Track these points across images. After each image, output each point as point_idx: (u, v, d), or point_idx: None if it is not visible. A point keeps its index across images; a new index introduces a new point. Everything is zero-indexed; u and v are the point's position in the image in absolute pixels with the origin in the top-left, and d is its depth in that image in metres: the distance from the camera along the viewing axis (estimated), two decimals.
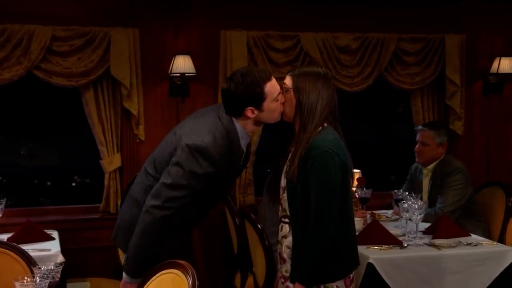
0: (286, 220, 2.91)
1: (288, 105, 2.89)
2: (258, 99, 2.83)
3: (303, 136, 2.81)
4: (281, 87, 2.89)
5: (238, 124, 2.92)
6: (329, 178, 2.72)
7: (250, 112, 2.86)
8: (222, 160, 2.85)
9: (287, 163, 2.90)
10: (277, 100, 2.87)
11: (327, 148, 2.73)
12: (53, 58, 4.71)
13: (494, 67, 5.60)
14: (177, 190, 2.81)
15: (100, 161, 4.95)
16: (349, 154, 2.87)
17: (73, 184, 6.62)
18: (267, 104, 2.86)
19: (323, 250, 2.73)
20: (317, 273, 2.76)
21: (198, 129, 2.91)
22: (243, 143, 2.96)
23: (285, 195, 2.89)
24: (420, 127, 4.68)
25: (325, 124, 2.85)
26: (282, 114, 2.93)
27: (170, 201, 2.81)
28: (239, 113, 2.88)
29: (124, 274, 2.97)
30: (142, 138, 5.00)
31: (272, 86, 2.86)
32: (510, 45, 5.75)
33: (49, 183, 6.54)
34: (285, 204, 2.90)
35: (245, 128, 2.94)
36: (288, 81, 2.89)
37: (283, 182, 2.93)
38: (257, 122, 2.94)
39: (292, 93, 2.86)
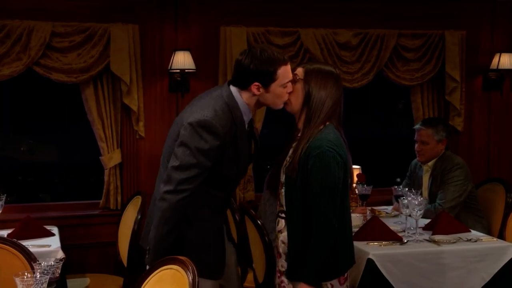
0: (283, 215, 2.91)
1: (294, 96, 2.88)
2: (268, 77, 2.81)
3: (306, 131, 2.80)
4: (293, 77, 2.88)
5: (241, 99, 2.89)
6: (332, 178, 2.72)
7: (255, 88, 2.84)
8: (226, 132, 2.81)
9: (287, 158, 2.89)
10: (285, 87, 2.85)
11: (328, 148, 2.72)
12: (52, 54, 4.71)
13: (494, 63, 5.60)
14: (187, 171, 2.78)
15: (100, 157, 4.95)
16: (350, 154, 2.87)
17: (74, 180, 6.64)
18: (275, 87, 2.84)
19: (331, 249, 2.73)
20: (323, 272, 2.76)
21: (198, 107, 2.89)
22: (245, 119, 2.93)
23: (283, 190, 2.89)
24: (417, 126, 4.65)
25: (327, 123, 2.84)
26: (286, 104, 2.91)
27: (182, 183, 2.77)
28: (245, 86, 2.86)
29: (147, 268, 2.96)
30: (142, 134, 5.00)
31: (285, 71, 2.84)
32: (510, 41, 5.75)
33: (55, 180, 6.55)
34: (283, 200, 2.89)
35: (248, 104, 2.90)
36: (300, 72, 2.88)
37: (282, 177, 2.92)
38: (259, 102, 2.92)
39: (301, 84, 2.85)
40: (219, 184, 2.95)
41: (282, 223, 2.92)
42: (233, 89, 2.91)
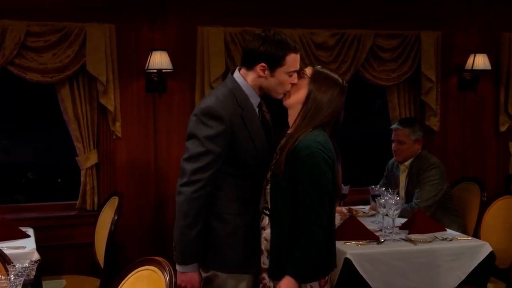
0: (267, 212, 2.90)
1: (295, 90, 2.86)
2: (276, 60, 2.79)
3: (297, 130, 2.79)
4: (300, 72, 2.88)
5: (244, 82, 2.87)
6: (322, 177, 2.71)
7: (261, 69, 2.82)
8: (230, 114, 2.79)
9: (274, 155, 2.89)
10: (290, 76, 2.84)
11: (317, 149, 2.71)
12: (27, 53, 4.66)
13: (469, 64, 5.66)
14: (198, 160, 2.75)
15: (76, 157, 4.91)
16: (340, 159, 2.88)
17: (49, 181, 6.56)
18: (280, 72, 2.82)
19: (320, 246, 2.73)
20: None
21: (203, 100, 2.92)
22: (253, 101, 2.90)
23: (268, 187, 2.88)
24: (394, 125, 4.68)
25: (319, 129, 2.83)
26: (284, 95, 2.89)
27: (195, 173, 2.75)
28: (251, 65, 2.84)
29: (176, 266, 2.91)
30: (119, 134, 4.97)
31: (294, 60, 2.83)
32: (484, 41, 5.82)
33: (29, 178, 6.47)
34: (267, 196, 2.88)
35: (253, 86, 2.87)
36: (308, 70, 2.88)
37: (268, 174, 2.91)
38: (261, 87, 2.89)
39: (306, 82, 2.84)
40: (241, 171, 2.89)
41: (266, 220, 2.91)
42: (237, 74, 2.91)
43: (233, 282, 2.90)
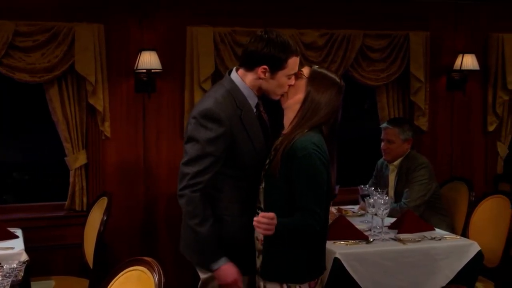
0: (259, 211, 2.90)
1: (293, 91, 2.86)
2: (277, 63, 2.78)
3: (294, 130, 2.78)
4: (298, 73, 2.87)
5: (243, 83, 2.86)
6: (319, 177, 2.71)
7: (262, 71, 2.81)
8: (229, 117, 2.79)
9: (269, 155, 2.88)
10: (289, 78, 2.83)
11: (313, 150, 2.71)
12: (16, 53, 4.63)
13: (457, 64, 5.69)
14: (198, 163, 2.75)
15: (65, 158, 4.89)
16: (336, 161, 2.88)
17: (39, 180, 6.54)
18: (280, 75, 2.81)
19: (310, 233, 2.73)
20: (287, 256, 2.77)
21: (201, 101, 2.91)
22: (251, 102, 2.90)
23: (262, 186, 2.87)
24: (384, 125, 4.71)
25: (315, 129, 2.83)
26: (282, 96, 2.89)
27: (195, 177, 2.75)
28: (252, 67, 2.83)
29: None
30: (108, 134, 4.95)
31: (295, 63, 2.83)
32: (472, 42, 5.85)
33: (15, 178, 6.43)
34: (261, 196, 2.88)
35: (251, 87, 2.87)
36: (306, 71, 2.87)
37: (261, 174, 2.90)
38: (260, 88, 2.88)
39: (304, 82, 2.83)
40: (240, 172, 2.89)
41: None
42: (234, 75, 2.90)
43: None
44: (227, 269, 2.83)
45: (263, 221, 2.55)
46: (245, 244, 2.90)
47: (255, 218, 2.58)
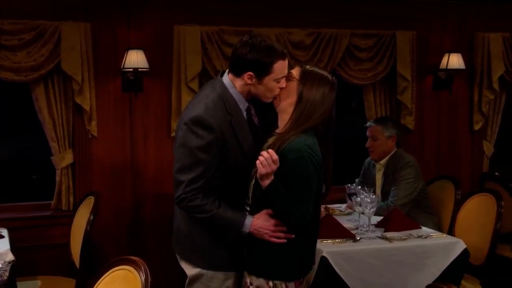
0: (248, 208, 2.90)
1: (285, 93, 2.84)
2: (263, 69, 2.76)
3: (288, 131, 2.77)
4: (288, 75, 2.85)
5: (233, 87, 2.85)
6: (311, 180, 2.72)
7: (248, 78, 2.80)
8: (220, 123, 2.78)
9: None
10: (278, 82, 2.81)
11: (306, 152, 2.71)
12: (1, 52, 4.60)
13: (443, 63, 5.72)
14: (192, 171, 2.75)
15: (51, 157, 4.86)
16: (331, 159, 2.89)
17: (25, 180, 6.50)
18: (268, 80, 2.79)
19: (299, 226, 2.74)
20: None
21: (192, 105, 2.88)
22: (241, 107, 2.89)
23: (252, 183, 2.88)
24: (368, 123, 4.79)
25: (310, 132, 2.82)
26: (274, 98, 2.87)
27: (189, 184, 2.75)
28: (238, 73, 2.82)
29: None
30: (95, 133, 4.93)
31: (282, 66, 2.79)
32: (459, 41, 5.89)
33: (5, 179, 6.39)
34: (250, 192, 2.88)
35: (241, 92, 2.86)
36: (296, 72, 2.85)
37: (253, 170, 2.89)
38: (250, 93, 2.87)
39: (295, 84, 2.82)
40: (230, 175, 2.89)
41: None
42: (226, 79, 2.89)
43: (219, 280, 2.92)
44: (257, 223, 2.80)
45: (266, 156, 2.61)
46: (232, 241, 2.90)
47: (260, 157, 2.64)
